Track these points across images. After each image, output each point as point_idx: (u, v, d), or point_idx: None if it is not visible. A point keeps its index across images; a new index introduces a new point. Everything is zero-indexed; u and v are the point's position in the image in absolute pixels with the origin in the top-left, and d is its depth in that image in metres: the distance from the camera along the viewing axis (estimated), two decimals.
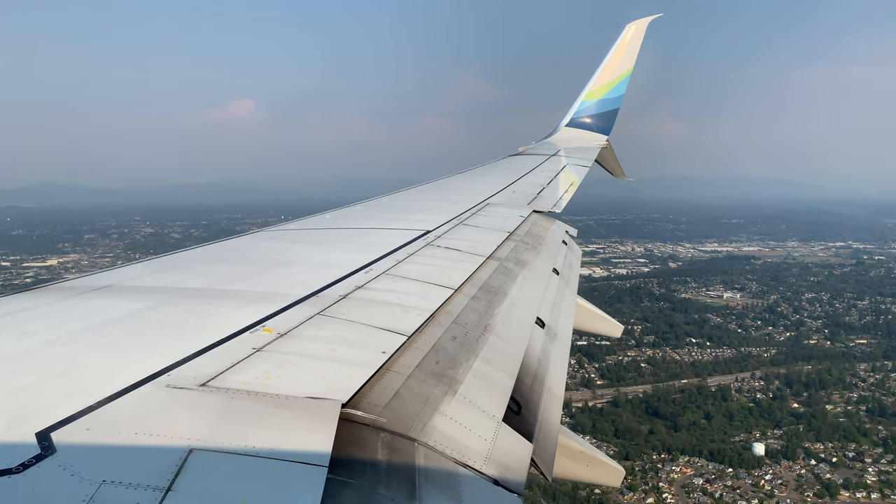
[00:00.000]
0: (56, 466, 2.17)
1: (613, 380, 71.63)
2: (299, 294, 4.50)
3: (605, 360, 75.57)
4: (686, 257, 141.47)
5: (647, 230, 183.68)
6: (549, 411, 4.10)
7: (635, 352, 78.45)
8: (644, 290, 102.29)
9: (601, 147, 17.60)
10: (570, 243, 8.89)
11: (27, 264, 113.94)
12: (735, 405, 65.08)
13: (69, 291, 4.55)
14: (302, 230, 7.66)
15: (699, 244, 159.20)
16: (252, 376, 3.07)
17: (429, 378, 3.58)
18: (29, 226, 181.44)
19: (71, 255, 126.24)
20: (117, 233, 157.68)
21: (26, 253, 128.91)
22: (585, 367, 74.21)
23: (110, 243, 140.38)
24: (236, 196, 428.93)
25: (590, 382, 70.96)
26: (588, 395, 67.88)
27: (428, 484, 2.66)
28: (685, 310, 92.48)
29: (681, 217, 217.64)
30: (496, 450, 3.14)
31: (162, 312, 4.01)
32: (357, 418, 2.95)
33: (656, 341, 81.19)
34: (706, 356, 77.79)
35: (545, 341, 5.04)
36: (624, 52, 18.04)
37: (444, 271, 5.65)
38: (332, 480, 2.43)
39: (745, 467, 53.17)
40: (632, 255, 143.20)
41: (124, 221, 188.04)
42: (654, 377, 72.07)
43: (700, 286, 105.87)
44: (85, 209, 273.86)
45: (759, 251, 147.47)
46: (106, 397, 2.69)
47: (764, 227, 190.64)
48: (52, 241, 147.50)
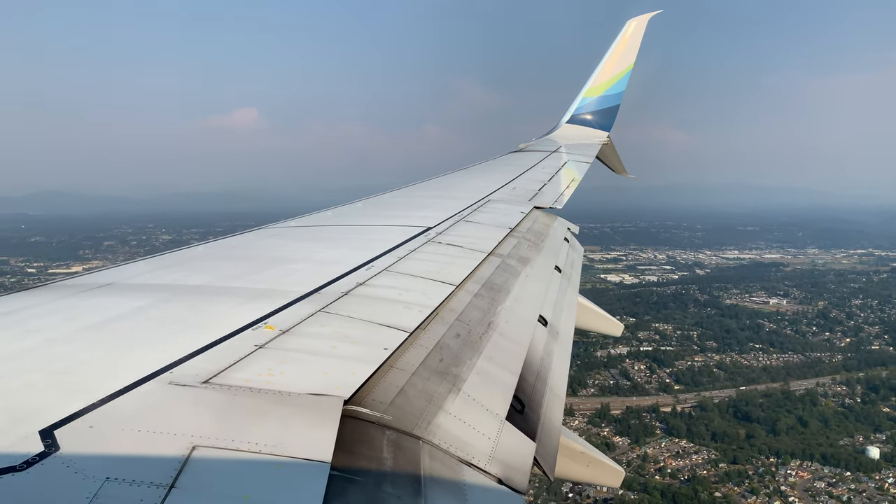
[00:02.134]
0: (59, 464, 2.18)
1: (689, 384, 73.07)
2: (301, 291, 4.50)
3: (674, 365, 77.41)
4: (711, 264, 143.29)
5: (664, 237, 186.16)
6: (552, 410, 4.09)
7: (702, 357, 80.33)
8: (687, 296, 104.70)
9: (602, 143, 17.57)
10: (571, 241, 8.87)
11: (52, 271, 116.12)
12: (827, 410, 65.89)
13: (71, 289, 4.55)
14: (303, 227, 7.66)
15: (719, 251, 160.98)
16: (254, 373, 3.07)
17: (433, 376, 3.58)
18: (46, 233, 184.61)
19: (93, 261, 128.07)
20: (136, 239, 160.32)
21: (48, 259, 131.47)
22: (657, 373, 76.20)
23: (130, 250, 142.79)
24: (242, 204, 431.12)
25: (668, 387, 72.67)
26: (670, 399, 69.21)
27: (433, 483, 2.67)
28: (735, 315, 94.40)
29: (695, 224, 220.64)
30: (500, 449, 3.14)
31: (163, 310, 4.01)
32: (363, 415, 2.95)
33: (720, 346, 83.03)
34: (774, 361, 79.33)
35: (548, 339, 5.04)
36: (624, 49, 18.00)
37: (446, 268, 5.65)
38: (340, 477, 2.44)
39: (863, 471, 53.63)
40: (656, 262, 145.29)
41: (139, 228, 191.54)
42: (731, 382, 73.42)
43: (741, 292, 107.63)
44: (94, 216, 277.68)
45: (781, 258, 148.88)
46: (108, 395, 2.69)
47: (780, 235, 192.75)
48: (71, 247, 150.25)
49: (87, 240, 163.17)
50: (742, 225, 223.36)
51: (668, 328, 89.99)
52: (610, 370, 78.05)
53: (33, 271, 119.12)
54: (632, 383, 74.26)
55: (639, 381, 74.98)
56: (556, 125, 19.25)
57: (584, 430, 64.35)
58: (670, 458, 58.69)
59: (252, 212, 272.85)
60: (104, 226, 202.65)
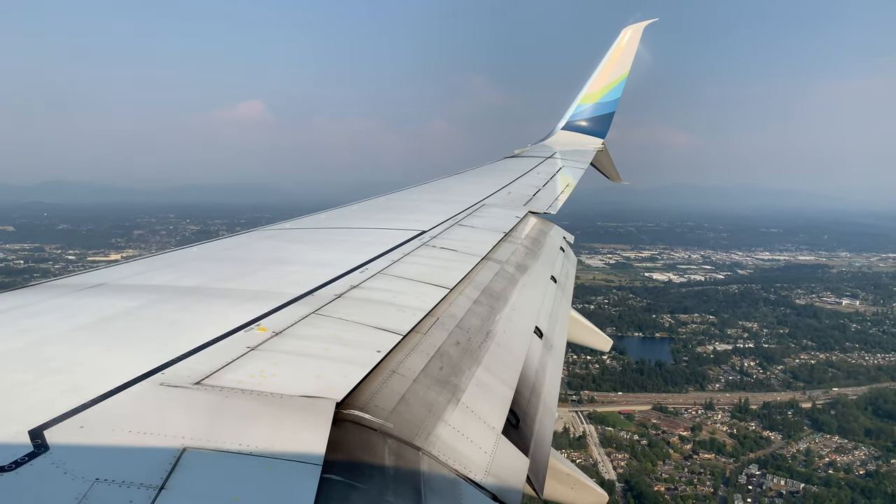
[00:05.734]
0: (49, 464, 2.16)
1: (807, 381, 75.55)
2: (294, 293, 4.49)
3: (783, 363, 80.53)
4: (749, 265, 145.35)
5: (690, 238, 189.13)
6: (544, 426, 4.07)
7: (806, 355, 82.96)
8: (754, 295, 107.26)
9: (597, 150, 17.64)
10: (567, 250, 8.85)
11: (91, 258, 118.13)
12: None
13: (63, 289, 4.53)
14: (297, 229, 7.65)
15: (750, 252, 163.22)
16: (246, 375, 3.06)
17: (433, 384, 3.58)
18: (69, 221, 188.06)
19: (127, 249, 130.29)
20: (164, 230, 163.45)
21: (81, 247, 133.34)
22: (771, 369, 79.03)
23: (161, 240, 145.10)
24: (253, 197, 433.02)
25: (790, 384, 75.39)
26: (797, 395, 71.86)
27: (432, 494, 2.67)
28: (814, 315, 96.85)
29: (717, 225, 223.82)
30: (495, 463, 3.13)
31: (156, 311, 4.00)
32: (366, 422, 2.95)
33: (818, 345, 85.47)
34: (887, 361, 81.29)
35: (543, 352, 5.00)
36: (620, 57, 18.10)
37: (440, 271, 5.65)
38: (341, 483, 2.44)
39: None
40: (694, 263, 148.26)
41: (162, 219, 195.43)
42: (854, 380, 75.48)
43: (806, 292, 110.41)
44: (111, 206, 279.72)
45: (816, 261, 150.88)
46: (99, 395, 2.68)
47: (806, 238, 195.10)
48: (100, 235, 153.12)
49: (116, 228, 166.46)
50: (765, 227, 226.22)
51: (753, 326, 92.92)
52: (720, 366, 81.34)
53: (73, 258, 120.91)
54: (752, 379, 77.12)
55: (758, 376, 77.91)
56: (551, 131, 19.33)
57: (731, 425, 67.79)
58: (832, 453, 60.61)
59: (271, 204, 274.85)
60: (126, 215, 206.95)
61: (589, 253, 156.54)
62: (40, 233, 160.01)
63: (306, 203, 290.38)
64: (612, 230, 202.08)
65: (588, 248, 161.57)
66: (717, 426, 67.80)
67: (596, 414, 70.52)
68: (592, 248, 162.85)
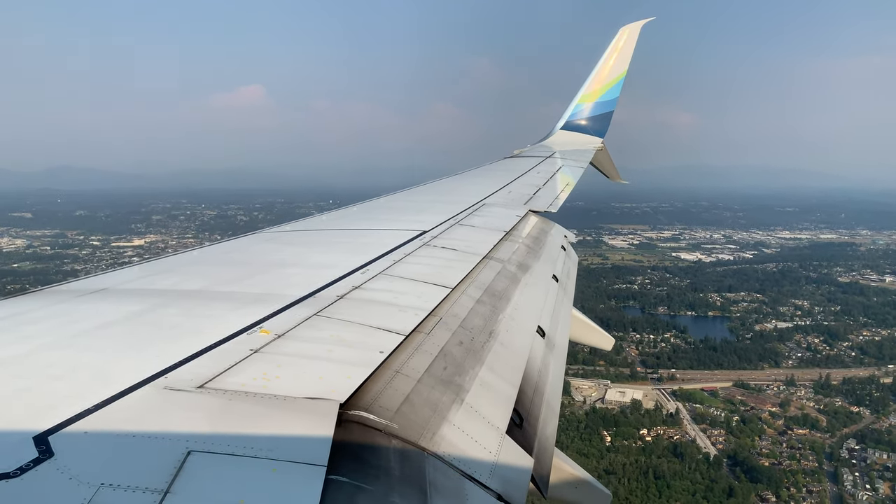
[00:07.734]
0: (54, 470, 2.16)
1: (878, 357, 76.59)
2: (296, 295, 4.49)
3: (848, 339, 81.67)
4: (773, 244, 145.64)
5: (707, 218, 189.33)
6: (548, 426, 4.06)
7: (868, 332, 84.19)
8: (797, 273, 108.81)
9: (596, 149, 17.65)
10: (568, 249, 8.83)
11: (115, 244, 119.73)
12: None
13: (65, 295, 4.53)
14: (298, 231, 7.66)
15: (771, 231, 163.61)
16: (250, 377, 3.06)
17: (437, 384, 3.57)
18: (84, 207, 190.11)
19: (148, 235, 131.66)
20: (182, 215, 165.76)
21: (103, 233, 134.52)
22: (837, 346, 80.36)
23: (181, 224, 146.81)
24: (259, 182, 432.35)
25: (860, 360, 76.66)
26: (872, 371, 73.12)
27: (437, 494, 2.66)
28: (861, 293, 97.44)
29: (732, 205, 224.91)
30: (500, 464, 3.12)
31: (158, 315, 4.00)
32: (371, 422, 2.95)
33: (877, 322, 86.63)
34: None
35: (545, 352, 4.98)
36: (618, 56, 18.12)
37: (441, 271, 5.64)
38: (347, 483, 2.44)
39: None
40: (718, 242, 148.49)
41: (176, 204, 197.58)
42: None
43: (846, 270, 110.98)
44: (122, 192, 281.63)
45: (839, 239, 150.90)
46: (103, 400, 2.68)
47: (823, 216, 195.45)
48: (119, 221, 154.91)
49: (133, 214, 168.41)
50: (780, 206, 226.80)
51: (804, 304, 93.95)
52: (786, 343, 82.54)
53: (97, 243, 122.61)
54: (822, 355, 77.93)
55: (826, 353, 78.64)
56: (550, 131, 19.33)
57: (816, 401, 68.46)
58: None
59: (286, 190, 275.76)
60: (141, 201, 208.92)
61: (610, 234, 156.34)
62: (58, 219, 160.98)
63: (313, 190, 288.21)
64: (629, 210, 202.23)
65: (608, 230, 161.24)
66: (804, 402, 68.63)
67: (681, 391, 71.59)
68: (612, 230, 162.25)
